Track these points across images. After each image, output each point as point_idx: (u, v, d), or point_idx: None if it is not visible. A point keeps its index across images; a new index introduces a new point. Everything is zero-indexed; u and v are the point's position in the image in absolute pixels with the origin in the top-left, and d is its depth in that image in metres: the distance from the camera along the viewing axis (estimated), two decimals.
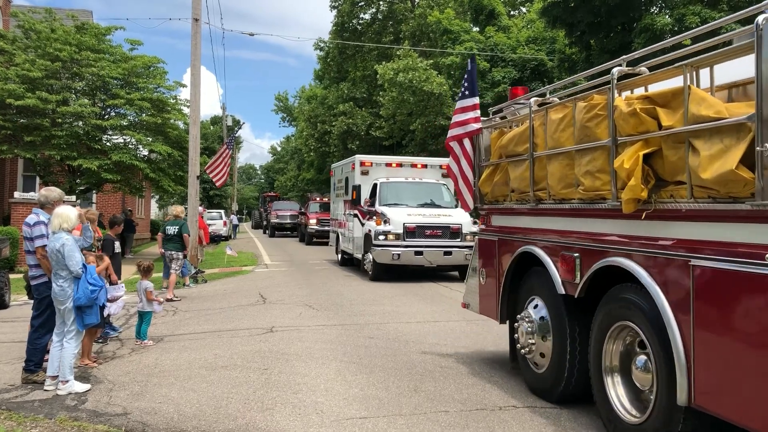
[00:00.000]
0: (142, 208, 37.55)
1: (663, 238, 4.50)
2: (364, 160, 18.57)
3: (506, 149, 6.89)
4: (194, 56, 19.33)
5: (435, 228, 15.73)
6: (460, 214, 16.26)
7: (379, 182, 17.48)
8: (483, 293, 7.45)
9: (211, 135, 64.87)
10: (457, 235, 15.83)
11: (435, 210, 16.50)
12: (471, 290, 7.84)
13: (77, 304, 6.47)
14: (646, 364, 4.66)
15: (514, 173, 6.77)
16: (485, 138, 7.64)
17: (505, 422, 5.51)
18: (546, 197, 6.13)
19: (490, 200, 7.53)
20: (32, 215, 6.91)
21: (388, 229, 15.59)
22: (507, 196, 7.04)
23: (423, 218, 15.87)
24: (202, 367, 7.41)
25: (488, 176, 7.41)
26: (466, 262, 14.50)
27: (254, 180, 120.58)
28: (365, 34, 38.78)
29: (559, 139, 5.75)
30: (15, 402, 6.16)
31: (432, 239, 15.70)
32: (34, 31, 22.03)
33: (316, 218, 32.99)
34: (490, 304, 7.23)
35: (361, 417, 5.63)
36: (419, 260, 15.71)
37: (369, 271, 16.48)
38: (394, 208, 16.24)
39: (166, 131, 23.84)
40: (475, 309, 7.68)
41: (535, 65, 24.67)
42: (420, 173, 18.39)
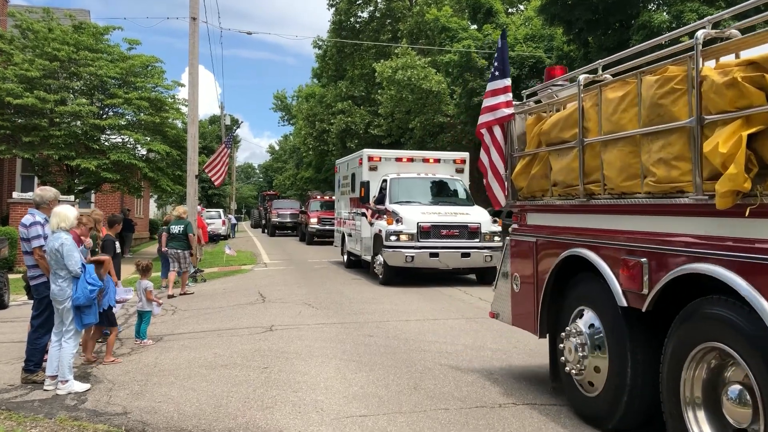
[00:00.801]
0: (140, 208, 37.53)
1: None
2: (373, 155, 17.45)
3: (548, 136, 5.97)
4: (192, 55, 19.32)
5: (452, 227, 14.57)
6: (478, 213, 15.25)
7: (389, 178, 16.37)
8: (517, 302, 6.53)
9: (209, 134, 64.85)
10: (476, 235, 14.64)
11: (451, 208, 15.35)
12: (501, 298, 6.90)
13: (76, 303, 6.46)
14: (742, 395, 3.84)
15: (557, 164, 5.84)
16: (518, 125, 6.76)
17: (505, 419, 5.52)
18: (600, 191, 5.23)
19: (526, 195, 6.59)
20: (28, 216, 6.90)
21: (401, 229, 14.44)
22: (547, 191, 6.12)
23: (438, 217, 14.69)
24: (202, 366, 7.41)
25: (524, 168, 6.50)
26: (486, 264, 14.51)
27: (253, 179, 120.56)
28: (363, 32, 38.78)
29: (619, 122, 4.88)
30: (15, 402, 6.15)
31: (448, 240, 14.53)
32: (32, 31, 21.99)
33: (317, 217, 31.99)
34: (527, 314, 6.30)
35: (361, 415, 5.63)
36: (434, 263, 14.59)
37: (379, 275, 15.29)
38: (406, 206, 15.13)
39: (164, 130, 23.83)
40: (507, 320, 6.75)
41: (533, 63, 24.66)
42: (433, 168, 17.17)
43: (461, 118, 26.89)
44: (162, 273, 14.95)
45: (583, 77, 5.44)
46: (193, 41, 19.34)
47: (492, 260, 14.24)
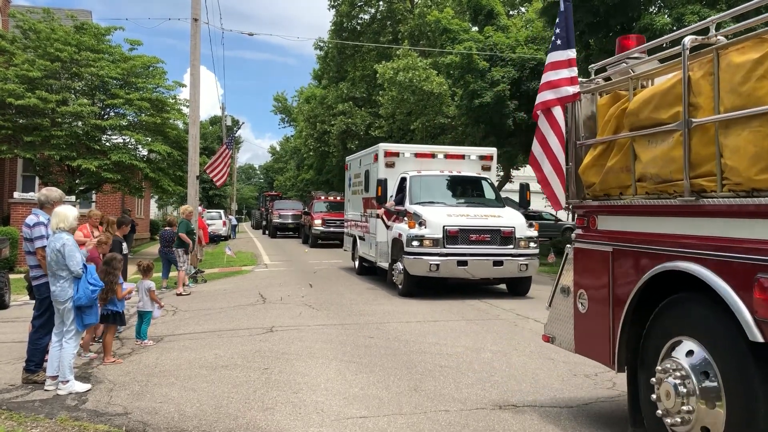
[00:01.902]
0: (141, 209, 37.56)
1: None
2: (390, 150, 15.83)
3: (634, 118, 4.79)
4: (194, 56, 19.35)
5: (482, 232, 12.89)
6: (511, 215, 13.68)
7: (409, 176, 14.73)
8: (584, 325, 5.37)
9: (210, 135, 64.91)
10: (510, 240, 12.96)
11: (480, 209, 13.69)
12: (559, 319, 5.76)
13: (77, 304, 6.48)
14: None
15: (647, 153, 4.69)
16: (585, 107, 5.64)
17: (505, 421, 5.52)
18: (715, 187, 4.09)
19: (598, 194, 5.39)
20: (32, 216, 6.91)
21: (424, 233, 12.79)
22: (628, 188, 4.99)
23: (467, 220, 13.01)
24: (203, 367, 7.42)
25: (595, 160, 5.34)
26: (520, 273, 13.08)
27: (253, 180, 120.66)
28: (364, 33, 38.80)
29: (755, 94, 3.73)
30: (16, 402, 6.16)
31: (478, 246, 12.85)
32: (34, 31, 22.02)
33: (321, 218, 30.60)
34: (597, 341, 5.16)
35: (361, 416, 5.64)
36: (462, 272, 12.90)
37: (398, 284, 13.61)
38: (429, 207, 13.55)
39: (165, 131, 23.85)
40: (568, 345, 5.60)
41: (534, 65, 24.64)
42: (456, 165, 15.59)
43: (462, 120, 26.89)
44: (163, 274, 14.99)
45: (690, 39, 4.27)
46: (195, 42, 19.36)
47: (527, 269, 13.04)
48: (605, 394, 6.36)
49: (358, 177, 18.20)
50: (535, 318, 10.82)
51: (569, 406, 5.95)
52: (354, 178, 19.01)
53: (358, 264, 18.07)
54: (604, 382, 6.77)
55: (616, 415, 5.71)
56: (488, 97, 23.67)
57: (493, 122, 23.37)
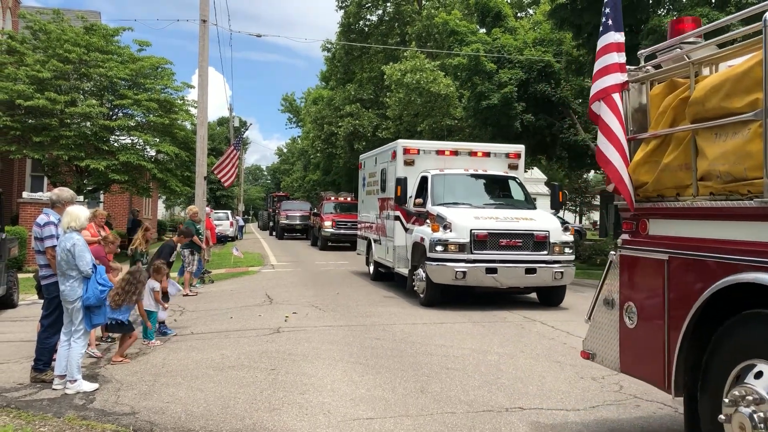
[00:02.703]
0: (149, 209, 37.68)
1: None
2: (409, 147, 14.71)
3: (699, 107, 4.22)
4: (202, 57, 19.41)
5: (514, 236, 11.78)
6: (545, 218, 12.63)
7: (430, 175, 13.66)
8: (632, 342, 4.83)
9: (218, 136, 65.10)
10: (543, 245, 11.87)
11: (509, 212, 12.61)
12: (601, 334, 5.21)
13: (86, 303, 6.51)
14: None
15: (714, 147, 4.13)
16: (634, 97, 5.14)
17: (512, 424, 5.51)
18: None
19: (650, 194, 4.87)
20: (42, 215, 6.95)
21: (449, 237, 11.70)
22: (687, 188, 4.48)
23: (496, 223, 11.91)
24: (210, 367, 7.44)
25: (648, 156, 4.83)
26: (555, 282, 11.99)
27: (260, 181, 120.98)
28: (372, 35, 38.88)
29: None
30: (24, 401, 6.20)
31: (509, 251, 11.73)
32: (44, 32, 22.14)
33: (332, 220, 29.32)
34: (649, 360, 4.59)
35: (367, 418, 5.64)
36: (491, 281, 11.71)
37: (420, 293, 12.52)
38: (454, 209, 12.49)
39: (173, 132, 23.93)
40: (611, 363, 5.05)
41: (542, 67, 24.64)
42: (481, 163, 14.45)
43: (469, 122, 26.90)
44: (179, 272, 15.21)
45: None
46: (203, 43, 19.43)
47: (562, 278, 11.94)
48: (612, 397, 6.34)
49: (374, 176, 17.16)
50: (542, 321, 10.81)
51: (576, 409, 5.93)
52: (369, 178, 17.96)
53: (373, 269, 17.04)
54: (611, 385, 6.76)
55: (623, 418, 5.70)
56: (496, 98, 23.67)
57: (501, 124, 23.37)
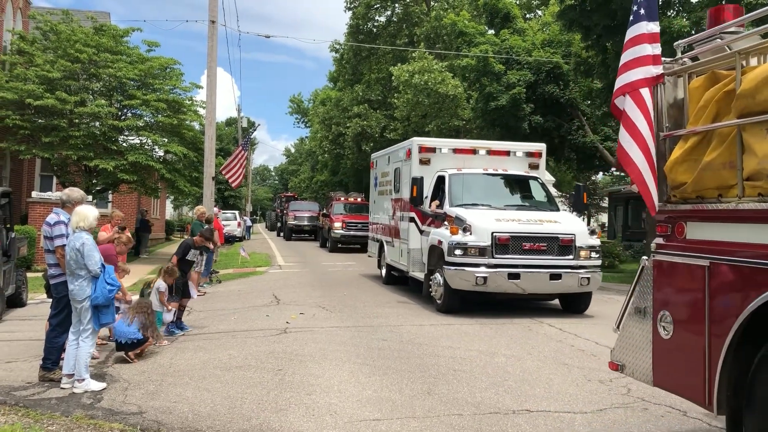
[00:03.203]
0: (157, 209, 37.81)
1: None
2: (425, 145, 14.06)
3: (751, 101, 3.89)
4: (210, 58, 19.48)
5: (538, 239, 11.17)
6: (570, 220, 12.08)
7: (447, 174, 13.00)
8: (667, 354, 4.51)
9: (226, 136, 65.28)
10: (569, 250, 11.25)
11: (532, 213, 11.99)
12: (632, 345, 4.88)
13: (95, 303, 6.53)
14: None
15: (764, 144, 3.84)
16: (669, 92, 4.79)
17: (519, 426, 5.50)
18: None
19: (689, 195, 4.53)
20: (53, 215, 6.99)
21: (469, 241, 11.06)
22: (731, 188, 4.17)
23: (519, 225, 11.29)
24: (217, 367, 7.46)
25: (687, 154, 4.50)
26: (580, 288, 11.42)
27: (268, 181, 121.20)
28: (380, 36, 38.89)
29: None
30: (32, 399, 6.23)
31: (533, 256, 11.14)
32: (54, 32, 22.26)
33: (342, 221, 28.53)
34: (688, 374, 4.29)
35: (374, 419, 5.64)
36: (512, 287, 11.10)
37: (437, 299, 11.91)
38: (474, 210, 11.87)
39: (181, 132, 24.00)
40: (643, 376, 4.73)
41: (550, 68, 24.60)
42: (501, 162, 13.79)
43: (477, 123, 26.88)
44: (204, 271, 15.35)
45: None
46: (212, 44, 19.50)
47: (589, 284, 11.35)
48: (620, 400, 6.31)
49: (386, 176, 16.55)
50: (550, 323, 10.77)
51: (583, 412, 5.91)
52: (381, 177, 17.32)
53: (386, 272, 16.38)
54: (618, 388, 6.73)
55: (631, 421, 5.67)
56: (504, 100, 23.63)
57: (509, 125, 23.34)
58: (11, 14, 24.34)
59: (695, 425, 5.60)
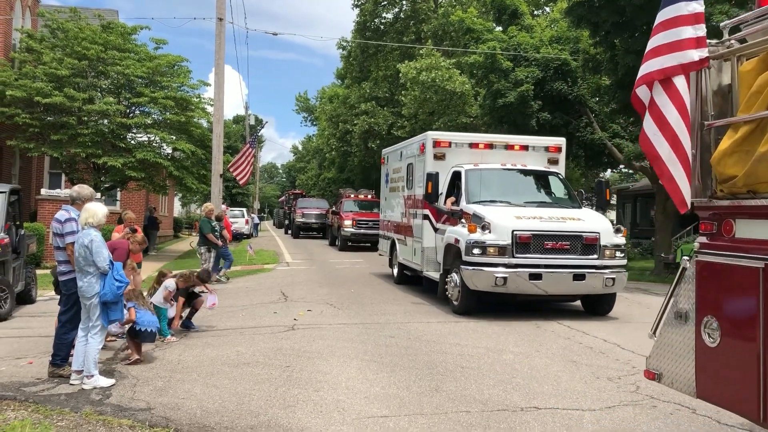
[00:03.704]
0: (165, 206, 37.94)
1: None
2: (440, 139, 13.53)
3: None
4: (218, 55, 19.52)
5: (561, 238, 10.66)
6: (593, 217, 11.50)
7: (464, 170, 12.50)
8: (713, 364, 4.15)
9: (233, 134, 65.42)
10: (593, 249, 10.73)
11: (555, 210, 11.51)
12: (671, 352, 4.54)
13: (103, 299, 6.55)
14: None
15: None
16: (714, 78, 4.45)
17: (527, 423, 5.48)
18: None
19: (739, 190, 4.15)
20: (62, 212, 7.01)
21: (488, 239, 10.56)
22: None
23: (540, 223, 10.80)
24: (225, 364, 7.47)
25: (737, 145, 4.10)
26: (605, 290, 10.92)
27: (276, 179, 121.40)
28: (387, 33, 38.84)
29: None
30: (42, 395, 6.26)
31: (555, 255, 10.62)
32: (62, 30, 22.35)
33: (352, 219, 27.78)
34: (737, 386, 3.96)
35: (382, 416, 5.64)
36: (533, 288, 10.60)
37: (453, 300, 11.41)
38: (492, 207, 11.38)
39: (189, 130, 24.09)
40: (684, 387, 4.40)
41: (558, 65, 24.49)
42: (519, 157, 13.28)
43: (485, 120, 26.81)
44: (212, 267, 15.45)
45: None
46: (220, 41, 19.53)
47: (614, 284, 10.84)
48: (629, 397, 6.29)
49: (398, 172, 16.09)
50: (558, 320, 10.74)
51: (592, 409, 5.89)
52: (393, 173, 16.78)
53: (398, 272, 15.91)
54: (627, 385, 6.70)
55: (640, 418, 5.65)
56: (512, 97, 23.55)
57: (517, 122, 23.26)
58: (20, 12, 24.48)
59: (704, 423, 5.57)
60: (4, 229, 11.03)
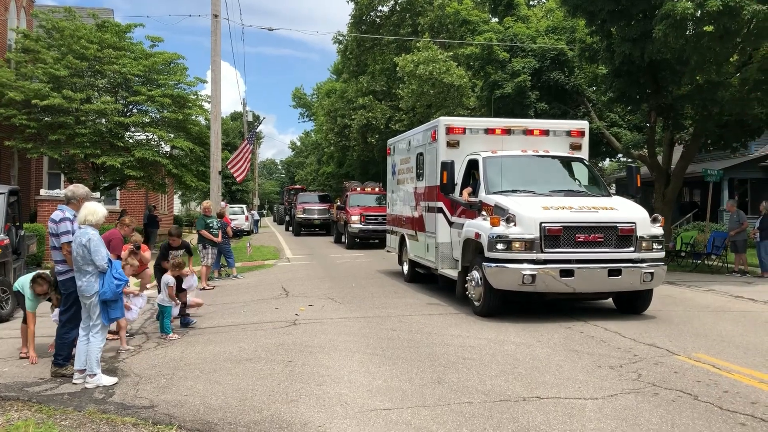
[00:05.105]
0: (165, 204, 37.93)
1: None
2: (453, 125, 12.44)
3: None
4: (214, 52, 19.46)
5: (594, 230, 9.63)
6: (628, 206, 10.38)
7: (481, 158, 11.48)
8: None
9: (231, 131, 65.33)
10: (629, 240, 9.71)
11: (583, 200, 10.44)
12: None
13: (103, 298, 6.57)
14: None
15: None
16: None
17: (529, 413, 5.50)
18: None
19: None
20: (57, 212, 7.01)
21: (513, 233, 9.53)
22: None
23: (571, 213, 9.74)
24: (227, 360, 7.49)
25: None
26: (642, 285, 9.88)
27: (275, 175, 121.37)
28: (383, 26, 38.73)
29: None
30: (45, 395, 6.28)
31: (588, 249, 9.60)
32: (57, 30, 22.28)
33: (360, 214, 25.69)
34: None
35: (385, 408, 5.65)
36: (564, 286, 9.56)
37: (474, 301, 10.37)
38: (515, 198, 10.36)
39: (187, 127, 24.04)
40: None
41: (555, 55, 24.46)
42: (539, 143, 12.28)
43: (482, 111, 26.80)
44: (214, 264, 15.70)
45: None
46: (216, 38, 19.47)
47: (652, 280, 9.80)
48: (630, 385, 6.30)
49: (407, 162, 15.05)
50: (559, 309, 10.73)
51: (594, 398, 5.90)
52: (400, 164, 15.77)
53: (408, 269, 14.88)
54: (629, 373, 6.71)
55: (642, 406, 5.66)
56: (509, 88, 23.54)
57: (514, 113, 23.24)
58: (15, 12, 24.41)
59: (706, 409, 5.58)
60: (4, 230, 11.03)
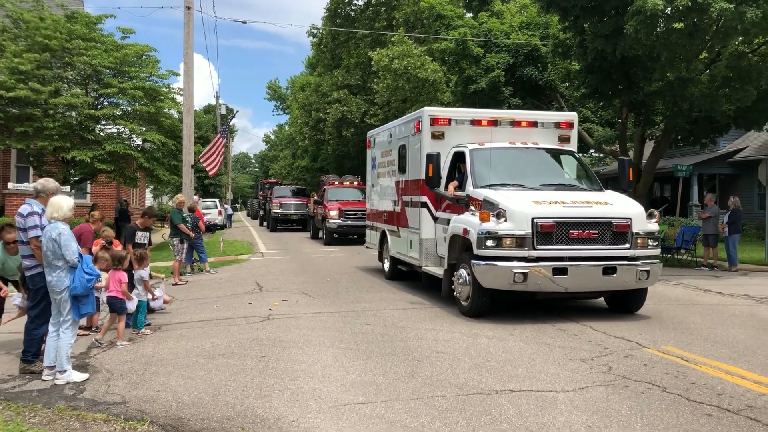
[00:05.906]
0: (137, 199, 37.48)
1: None
2: (438, 116, 11.94)
3: None
4: (187, 45, 19.27)
5: (588, 225, 9.24)
6: (622, 201, 10.07)
7: (468, 150, 11.09)
8: None
9: (205, 124, 64.74)
10: (624, 237, 9.35)
11: (575, 194, 10.03)
12: None
13: (73, 293, 6.48)
14: None
15: None
16: None
17: (502, 406, 5.55)
18: None
19: None
20: (25, 206, 6.89)
21: (503, 229, 9.09)
22: None
23: (564, 208, 9.33)
24: (200, 356, 7.44)
25: None
26: (638, 284, 9.52)
27: (249, 168, 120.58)
28: (358, 20, 38.65)
29: None
30: (13, 392, 6.18)
31: (582, 246, 9.22)
32: (23, 21, 21.84)
33: (338, 209, 24.83)
34: None
35: (358, 402, 5.66)
36: (556, 285, 9.14)
37: (461, 300, 9.93)
38: (505, 192, 9.93)
39: (159, 120, 23.74)
40: None
41: (528, 50, 24.64)
42: (526, 135, 11.80)
43: (457, 106, 26.91)
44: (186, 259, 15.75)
45: None
46: (188, 30, 19.27)
47: (647, 278, 9.44)
48: (601, 378, 6.39)
49: (388, 155, 14.48)
50: (531, 302, 10.81)
51: (565, 390, 5.98)
52: (381, 157, 15.13)
53: (389, 266, 14.31)
54: (600, 366, 6.81)
55: (612, 398, 5.75)
56: (483, 83, 23.68)
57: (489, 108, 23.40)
58: None
59: (674, 400, 5.69)
60: None
